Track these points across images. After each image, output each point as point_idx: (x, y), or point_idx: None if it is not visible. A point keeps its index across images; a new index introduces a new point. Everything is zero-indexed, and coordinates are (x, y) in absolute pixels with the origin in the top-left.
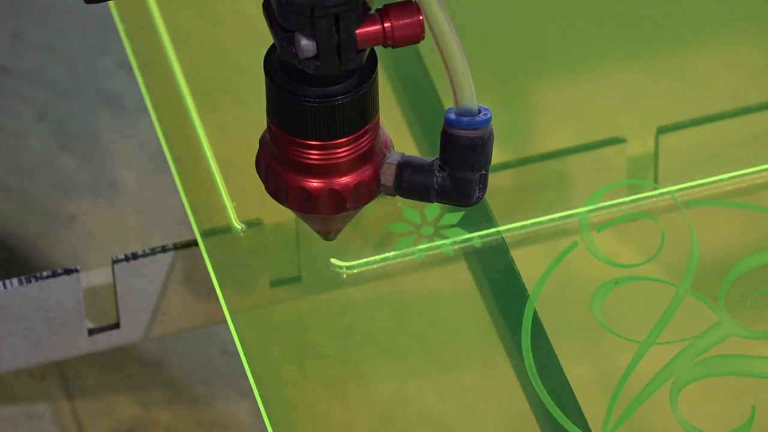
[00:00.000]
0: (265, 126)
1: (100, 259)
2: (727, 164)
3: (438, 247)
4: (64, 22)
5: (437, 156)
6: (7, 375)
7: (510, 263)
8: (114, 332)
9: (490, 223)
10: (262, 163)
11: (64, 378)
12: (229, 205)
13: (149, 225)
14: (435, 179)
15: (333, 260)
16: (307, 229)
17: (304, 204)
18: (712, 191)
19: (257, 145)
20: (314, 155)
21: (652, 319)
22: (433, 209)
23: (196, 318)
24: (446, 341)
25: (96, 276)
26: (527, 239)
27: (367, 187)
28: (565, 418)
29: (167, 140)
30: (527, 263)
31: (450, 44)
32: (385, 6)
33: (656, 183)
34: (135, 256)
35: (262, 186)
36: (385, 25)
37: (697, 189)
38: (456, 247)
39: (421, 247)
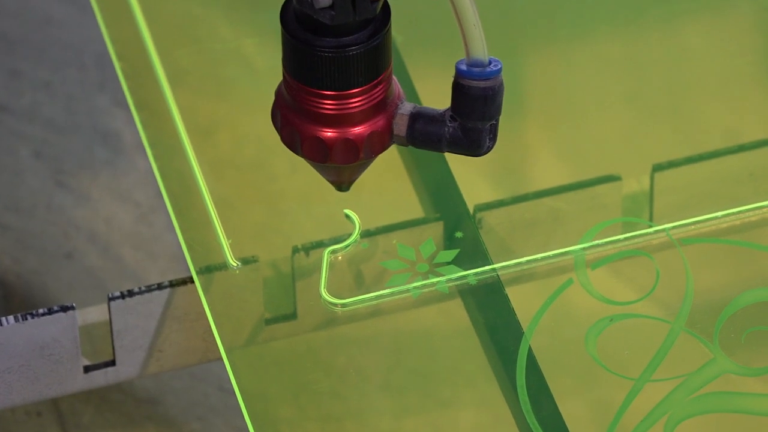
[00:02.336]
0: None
1: (96, 296)
2: (722, 202)
3: (433, 284)
4: (62, 60)
5: (449, 107)
6: (3, 412)
7: (505, 300)
8: (110, 369)
9: (485, 260)
10: (278, 114)
11: (60, 415)
12: (224, 243)
13: (146, 262)
14: (446, 129)
15: (328, 297)
16: (302, 266)
17: (319, 153)
18: (708, 229)
19: (254, 184)
20: (329, 105)
21: (646, 356)
22: (428, 247)
23: (192, 355)
24: (442, 378)
25: (92, 313)
26: (522, 277)
27: (381, 137)
28: None
29: (163, 178)
30: (522, 300)
31: None
32: None
33: (651, 221)
34: (131, 294)
35: (258, 223)
36: None
37: (692, 227)
38: (451, 284)
39: (416, 284)
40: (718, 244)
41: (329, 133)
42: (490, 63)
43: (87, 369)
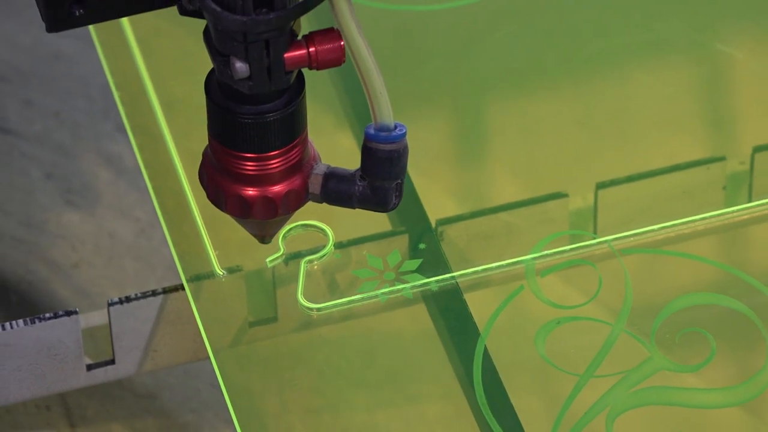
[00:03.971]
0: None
1: (100, 302)
2: (659, 216)
3: (399, 290)
4: (70, 91)
5: (359, 167)
6: (15, 406)
7: (463, 305)
8: (110, 367)
9: (446, 269)
10: (205, 174)
11: (66, 408)
12: (212, 254)
13: (145, 272)
14: (357, 188)
15: (305, 302)
16: (282, 274)
17: (241, 210)
18: (645, 240)
19: None
20: (250, 166)
21: (590, 354)
22: (394, 257)
23: (183, 354)
24: (408, 375)
25: (94, 317)
26: (479, 283)
27: (297, 195)
28: None
29: (158, 196)
30: (479, 305)
31: (368, 67)
32: (310, 33)
33: (595, 233)
34: (128, 299)
35: (243, 236)
36: (310, 49)
37: (632, 238)
38: (415, 290)
39: (383, 290)
40: (654, 254)
41: (250, 192)
42: (395, 127)
43: (89, 367)
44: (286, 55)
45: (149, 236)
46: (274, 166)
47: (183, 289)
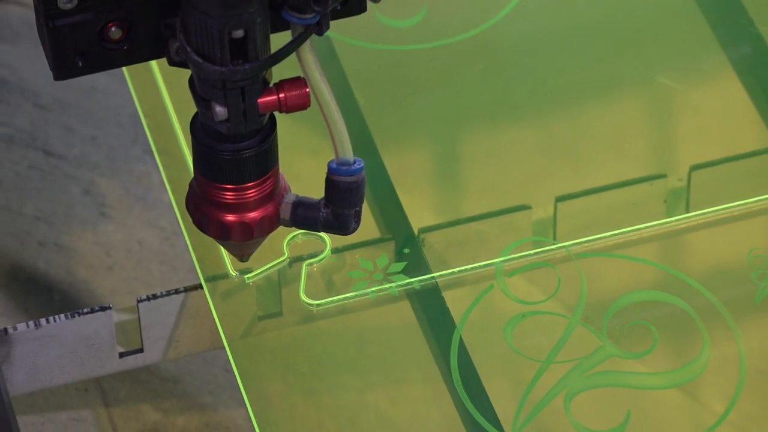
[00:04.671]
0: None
1: (130, 299)
2: (610, 225)
3: (386, 289)
4: (105, 119)
5: (323, 196)
6: (58, 388)
7: (441, 301)
8: (139, 355)
9: (427, 270)
10: (191, 203)
11: (102, 391)
12: (226, 258)
13: (169, 273)
14: (321, 214)
15: (306, 299)
16: (286, 275)
17: (221, 233)
18: (598, 246)
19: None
20: (229, 195)
21: (550, 343)
22: (383, 260)
23: (202, 344)
24: (394, 361)
25: (125, 312)
26: (455, 283)
27: (270, 220)
28: (485, 420)
29: (180, 209)
30: (455, 301)
31: (331, 110)
32: (280, 81)
33: (554, 239)
34: (155, 297)
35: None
36: (280, 95)
37: (586, 244)
38: (400, 288)
39: (373, 289)
40: (606, 258)
41: (229, 218)
42: (354, 162)
43: (121, 355)
44: (259, 100)
45: (173, 243)
46: (250, 195)
47: (201, 288)
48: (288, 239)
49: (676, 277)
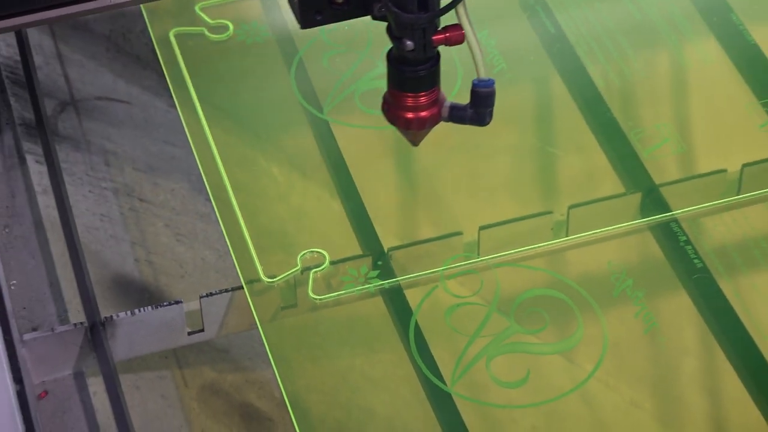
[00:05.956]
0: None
1: (196, 296)
2: (516, 245)
3: (367, 288)
4: (180, 176)
5: (469, 102)
6: (147, 356)
7: (403, 296)
8: (201, 333)
9: (393, 276)
10: (386, 108)
11: (176, 357)
12: (259, 268)
13: (221, 279)
14: (468, 113)
15: (312, 295)
16: (299, 279)
17: (405, 125)
18: (508, 259)
19: (278, 242)
20: (410, 100)
21: (476, 324)
22: (364, 269)
23: (243, 326)
24: (372, 337)
25: (192, 305)
26: (412, 284)
27: (435, 118)
28: (432, 375)
29: (229, 237)
30: (412, 296)
31: (474, 46)
32: (445, 26)
33: (478, 255)
34: (211, 294)
35: (278, 259)
36: (446, 34)
37: (500, 258)
38: (375, 288)
39: (358, 288)
40: (513, 267)
41: (410, 115)
42: (488, 80)
43: (189, 333)
44: (433, 37)
45: (224, 260)
46: (423, 100)
47: (242, 288)
48: (300, 255)
49: (560, 279)
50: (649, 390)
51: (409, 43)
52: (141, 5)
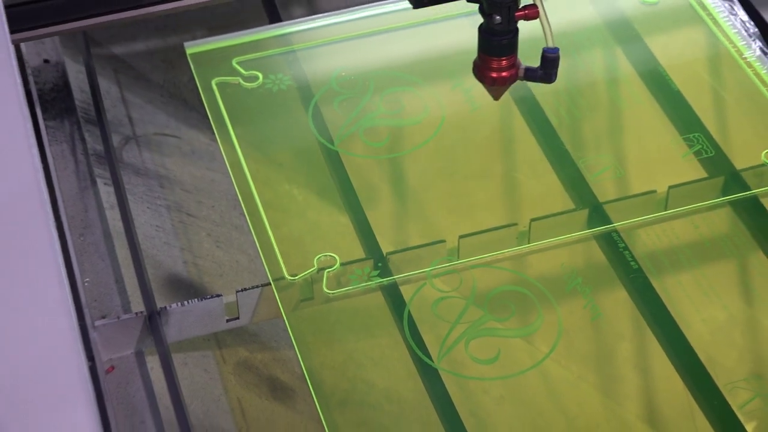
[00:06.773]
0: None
1: (232, 291)
2: (489, 250)
3: (368, 284)
4: (219, 197)
5: (539, 65)
6: (193, 338)
7: (398, 291)
8: (237, 321)
9: (390, 274)
10: (476, 69)
11: (217, 340)
12: (284, 269)
13: (253, 278)
14: (539, 73)
15: (326, 290)
16: (315, 277)
17: (491, 82)
18: (482, 261)
19: (299, 248)
20: (494, 63)
21: (456, 313)
22: (366, 269)
23: (271, 315)
24: (374, 325)
25: (229, 298)
26: (406, 281)
27: (513, 77)
28: (422, 354)
29: (260, 245)
30: (406, 291)
31: (545, 21)
32: (524, 5)
33: (458, 258)
34: (245, 289)
35: (299, 262)
36: (526, 12)
37: (476, 261)
38: (376, 284)
39: (362, 284)
40: (487, 268)
41: (494, 75)
42: (555, 48)
43: (227, 320)
44: (516, 13)
45: (255, 262)
46: (505, 63)
47: (270, 285)
48: (316, 258)
49: (523, 278)
50: (593, 367)
51: (497, 17)
52: (189, 59)
